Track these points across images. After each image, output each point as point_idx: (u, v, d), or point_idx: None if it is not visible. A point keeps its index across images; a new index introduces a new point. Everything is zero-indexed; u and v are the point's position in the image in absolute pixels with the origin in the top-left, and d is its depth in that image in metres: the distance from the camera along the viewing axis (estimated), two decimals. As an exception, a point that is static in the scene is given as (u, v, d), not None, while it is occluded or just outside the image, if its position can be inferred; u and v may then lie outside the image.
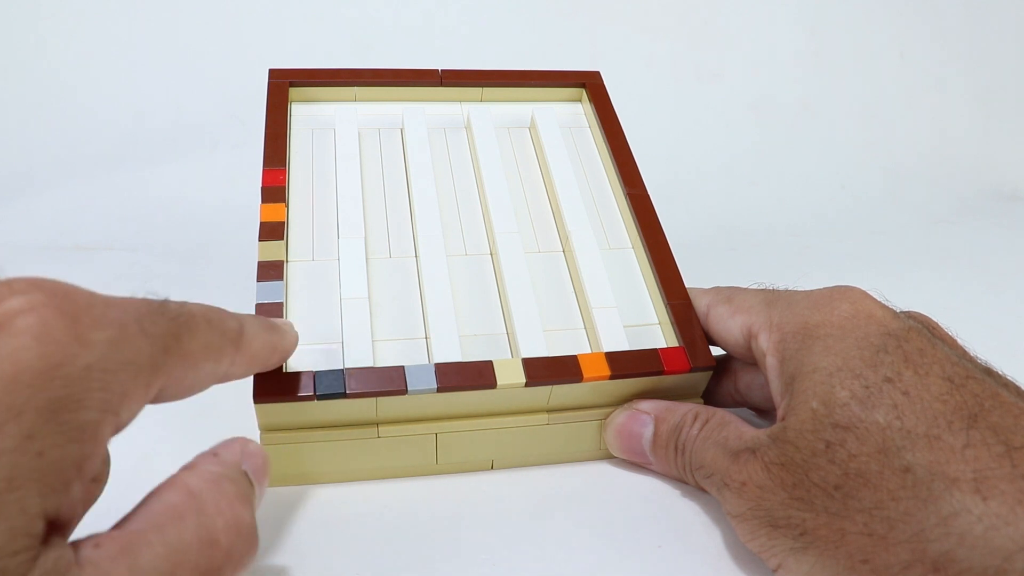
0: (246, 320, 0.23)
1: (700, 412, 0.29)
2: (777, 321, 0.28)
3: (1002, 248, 0.60)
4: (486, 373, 0.28)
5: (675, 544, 0.28)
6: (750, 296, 0.30)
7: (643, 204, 0.36)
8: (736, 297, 0.30)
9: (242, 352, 0.22)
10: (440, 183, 0.37)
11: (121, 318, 0.17)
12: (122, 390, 0.17)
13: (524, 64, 0.44)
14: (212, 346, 0.21)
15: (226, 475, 0.21)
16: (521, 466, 0.31)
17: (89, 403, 0.16)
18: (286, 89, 0.38)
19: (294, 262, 0.32)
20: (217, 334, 0.21)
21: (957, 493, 0.21)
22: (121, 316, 0.17)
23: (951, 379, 0.23)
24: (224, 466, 0.21)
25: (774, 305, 0.28)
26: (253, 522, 0.20)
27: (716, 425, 0.28)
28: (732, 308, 0.30)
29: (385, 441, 0.29)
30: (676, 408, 0.30)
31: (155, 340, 0.18)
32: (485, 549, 0.27)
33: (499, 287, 0.33)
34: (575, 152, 0.39)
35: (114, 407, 0.17)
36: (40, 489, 0.14)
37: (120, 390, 0.17)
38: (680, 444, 0.29)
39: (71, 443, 0.15)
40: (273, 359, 0.25)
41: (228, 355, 0.22)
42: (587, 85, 0.41)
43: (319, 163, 0.37)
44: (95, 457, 0.16)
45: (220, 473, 0.21)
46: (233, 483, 0.20)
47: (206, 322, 0.21)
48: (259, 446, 0.23)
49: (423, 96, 0.40)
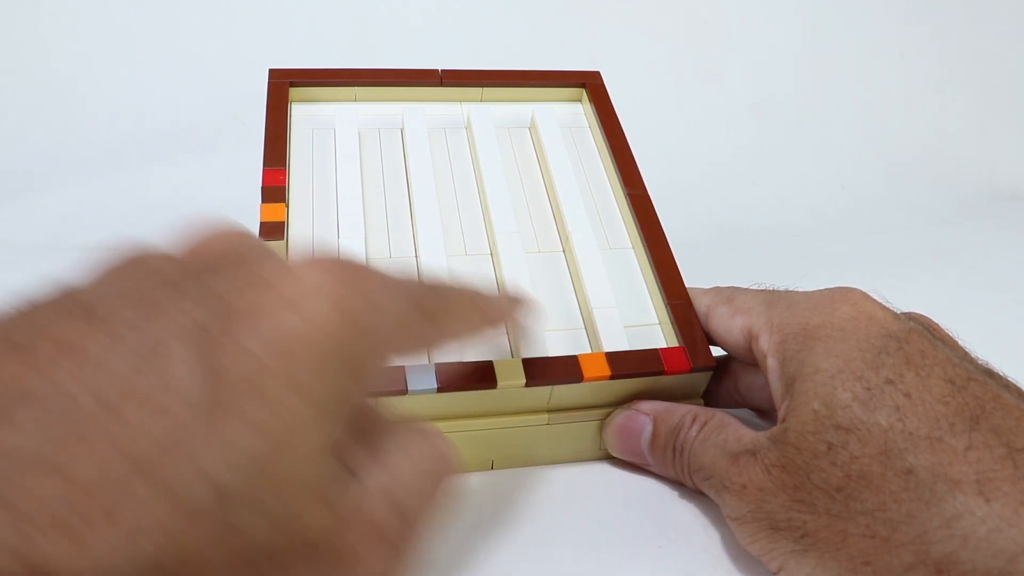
0: (504, 301, 0.25)
1: (699, 414, 0.29)
2: (778, 322, 0.27)
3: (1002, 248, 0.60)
4: (486, 373, 0.28)
5: (675, 544, 0.28)
6: (750, 297, 0.30)
7: (643, 204, 0.36)
8: (736, 298, 0.30)
9: (498, 326, 0.25)
10: (440, 183, 0.37)
11: (402, 294, 0.19)
12: (394, 356, 0.19)
13: (524, 64, 0.44)
14: (471, 325, 0.23)
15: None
16: (521, 466, 0.31)
17: (372, 367, 0.18)
18: (286, 89, 0.38)
19: (294, 262, 0.32)
20: (479, 317, 0.23)
21: (960, 495, 0.21)
22: (403, 293, 0.19)
23: (952, 381, 0.23)
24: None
25: (775, 306, 0.28)
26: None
27: (715, 427, 0.28)
28: (732, 309, 0.30)
29: (385, 441, 0.29)
30: (675, 409, 0.30)
31: (429, 316, 0.20)
32: (485, 549, 0.27)
33: (499, 287, 0.33)
34: (575, 152, 0.39)
35: (383, 354, 0.19)
36: (334, 416, 0.16)
37: (393, 356, 0.19)
38: (678, 446, 0.29)
39: (365, 394, 0.18)
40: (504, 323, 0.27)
41: (485, 332, 0.23)
42: (587, 85, 0.41)
43: (319, 163, 0.37)
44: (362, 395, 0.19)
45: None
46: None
47: (472, 305, 0.22)
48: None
49: (423, 96, 0.40)
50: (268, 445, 0.14)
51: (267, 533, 0.14)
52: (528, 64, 0.44)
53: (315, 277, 0.16)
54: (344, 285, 0.17)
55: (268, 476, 0.14)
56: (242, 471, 0.14)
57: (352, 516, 0.16)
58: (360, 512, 0.16)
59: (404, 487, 0.18)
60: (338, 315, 0.16)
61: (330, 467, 0.16)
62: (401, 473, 0.18)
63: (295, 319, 0.15)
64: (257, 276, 0.16)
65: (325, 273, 0.17)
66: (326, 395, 0.16)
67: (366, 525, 0.16)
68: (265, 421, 0.14)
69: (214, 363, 0.14)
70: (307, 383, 0.15)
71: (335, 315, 0.16)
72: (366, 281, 0.17)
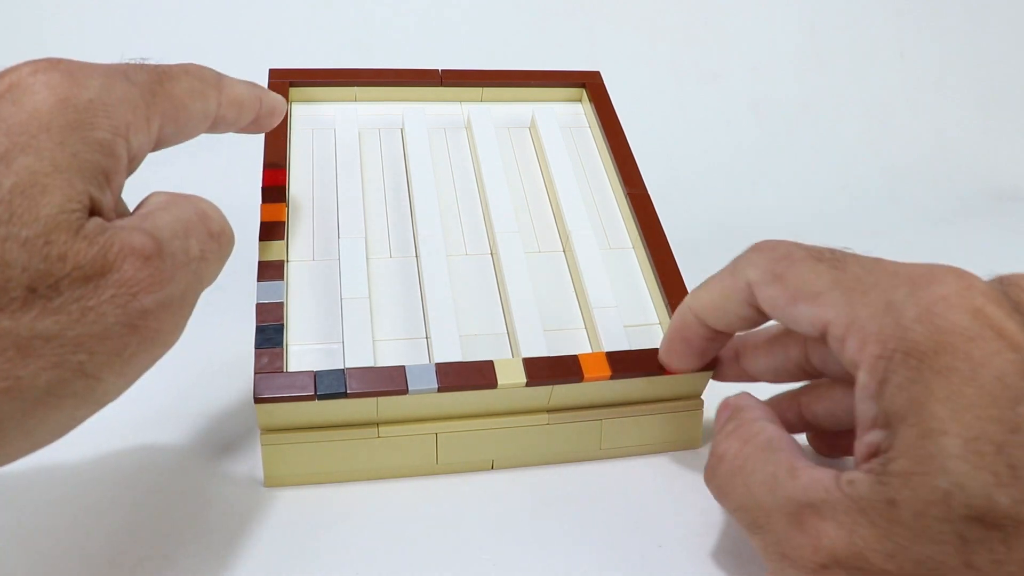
0: (225, 74, 0.27)
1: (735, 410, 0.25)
2: (874, 329, 0.21)
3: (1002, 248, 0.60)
4: (487, 373, 0.28)
5: (675, 544, 0.28)
6: (810, 274, 0.23)
7: (643, 204, 0.36)
8: (789, 275, 0.24)
9: (225, 94, 0.26)
10: (440, 183, 0.37)
11: (108, 70, 0.22)
12: (124, 119, 0.22)
13: (524, 64, 0.44)
14: (195, 88, 0.25)
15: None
16: (521, 466, 0.31)
17: (99, 125, 0.21)
18: (286, 89, 0.38)
19: (294, 262, 0.32)
20: (196, 79, 0.25)
21: None
22: (108, 69, 0.22)
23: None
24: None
25: (853, 294, 0.22)
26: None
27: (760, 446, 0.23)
28: (790, 292, 0.23)
29: (385, 441, 0.29)
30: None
31: (141, 84, 0.23)
32: (485, 549, 0.27)
33: (499, 287, 0.33)
34: (575, 152, 0.39)
35: (122, 132, 0.22)
36: (81, 176, 0.20)
37: (122, 118, 0.22)
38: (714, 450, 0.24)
39: (95, 152, 0.21)
40: (263, 111, 0.29)
41: (213, 97, 0.26)
42: (587, 85, 0.41)
43: (319, 163, 0.37)
44: (118, 173, 0.22)
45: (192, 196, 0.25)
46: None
47: (183, 71, 0.25)
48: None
49: (423, 96, 0.40)
50: (13, 192, 0.19)
51: (28, 258, 0.18)
52: (528, 64, 0.44)
53: (32, 74, 0.21)
54: (58, 76, 0.21)
55: (19, 217, 0.18)
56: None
57: (110, 243, 0.20)
58: (117, 240, 0.20)
59: (161, 227, 0.22)
60: (54, 96, 0.20)
61: (81, 212, 0.20)
62: (159, 219, 0.22)
63: (16, 108, 0.20)
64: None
65: (41, 71, 0.21)
66: (62, 158, 0.20)
67: (124, 248, 0.20)
68: (5, 176, 0.19)
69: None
70: (39, 148, 0.19)
71: (51, 97, 0.20)
72: (77, 69, 0.21)
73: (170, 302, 0.21)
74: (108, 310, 0.19)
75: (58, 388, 0.19)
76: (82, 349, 0.19)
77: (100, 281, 0.19)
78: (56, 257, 0.19)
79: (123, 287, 0.20)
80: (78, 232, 0.19)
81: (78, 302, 0.19)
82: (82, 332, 0.19)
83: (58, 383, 0.19)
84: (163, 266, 0.21)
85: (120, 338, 0.20)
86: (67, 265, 0.19)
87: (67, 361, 0.19)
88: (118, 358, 0.20)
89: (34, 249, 0.18)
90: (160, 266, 0.21)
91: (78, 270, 0.19)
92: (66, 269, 0.19)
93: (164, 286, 0.21)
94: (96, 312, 0.19)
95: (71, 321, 0.19)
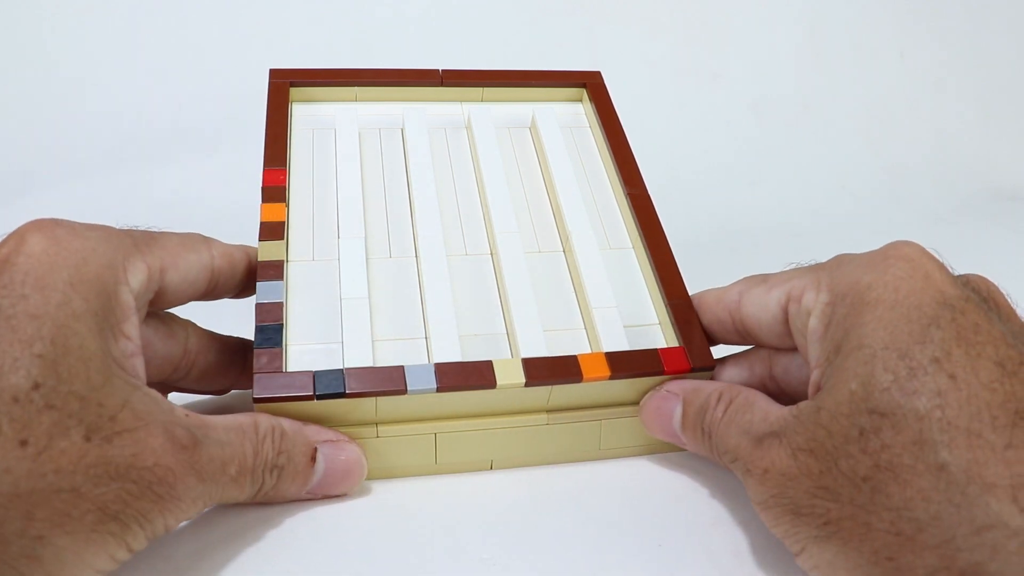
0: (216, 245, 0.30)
1: (724, 392, 0.28)
2: (827, 281, 0.26)
3: (1002, 248, 0.60)
4: (486, 373, 0.28)
5: (675, 544, 0.28)
6: (791, 270, 0.28)
7: (643, 204, 0.36)
8: (773, 276, 0.29)
9: (214, 246, 0.29)
10: (440, 183, 0.37)
11: (104, 227, 0.26)
12: (123, 261, 0.25)
13: (524, 64, 0.44)
14: (185, 240, 0.28)
15: (290, 435, 0.27)
16: (520, 466, 0.31)
17: (101, 272, 0.24)
18: (286, 89, 0.38)
19: (294, 262, 0.32)
20: (183, 236, 0.29)
21: (993, 501, 0.19)
22: (103, 226, 0.26)
23: (1003, 364, 0.21)
24: (293, 429, 0.27)
25: (822, 267, 0.27)
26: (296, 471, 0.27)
27: (740, 407, 0.27)
28: (769, 285, 0.28)
29: (384, 441, 0.29)
30: (702, 388, 0.29)
31: (135, 235, 0.27)
32: (485, 549, 0.27)
33: (499, 287, 0.33)
34: (575, 152, 0.39)
35: (122, 274, 0.25)
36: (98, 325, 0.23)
37: (121, 262, 0.25)
38: (706, 428, 0.28)
39: (99, 298, 0.23)
40: (245, 261, 0.31)
41: (204, 248, 0.29)
42: (587, 85, 0.41)
43: (319, 163, 0.37)
44: (125, 309, 0.25)
45: (287, 429, 0.27)
46: (290, 441, 0.27)
47: (170, 231, 0.28)
48: (357, 452, 0.28)
49: (423, 96, 0.40)
50: (50, 345, 0.22)
51: (79, 404, 0.21)
52: (528, 64, 0.44)
53: (33, 234, 0.24)
54: (57, 234, 0.24)
55: (58, 365, 0.21)
56: (39, 364, 0.21)
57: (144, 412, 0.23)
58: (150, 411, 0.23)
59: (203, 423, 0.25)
60: (60, 252, 0.23)
61: (113, 359, 0.23)
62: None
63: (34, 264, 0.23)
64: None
65: (40, 230, 0.24)
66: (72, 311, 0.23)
67: (153, 422, 0.23)
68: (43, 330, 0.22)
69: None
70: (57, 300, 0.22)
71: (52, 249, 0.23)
72: (73, 229, 0.25)
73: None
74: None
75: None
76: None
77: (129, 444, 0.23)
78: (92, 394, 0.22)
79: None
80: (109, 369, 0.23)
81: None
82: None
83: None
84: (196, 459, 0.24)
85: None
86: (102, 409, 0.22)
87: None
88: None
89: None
90: (192, 458, 0.24)
91: (110, 420, 0.22)
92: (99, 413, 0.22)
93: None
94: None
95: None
